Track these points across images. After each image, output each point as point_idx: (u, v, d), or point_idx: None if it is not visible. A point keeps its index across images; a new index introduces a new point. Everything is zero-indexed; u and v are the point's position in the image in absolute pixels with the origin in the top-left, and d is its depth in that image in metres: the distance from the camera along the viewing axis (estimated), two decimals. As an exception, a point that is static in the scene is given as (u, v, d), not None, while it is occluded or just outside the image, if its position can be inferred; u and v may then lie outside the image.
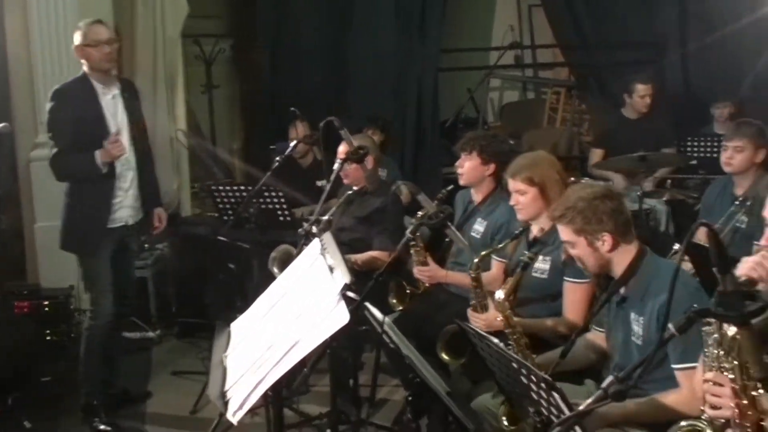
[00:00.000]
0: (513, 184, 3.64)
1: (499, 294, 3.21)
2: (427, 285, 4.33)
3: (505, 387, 2.57)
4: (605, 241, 2.85)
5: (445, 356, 3.68)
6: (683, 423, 2.04)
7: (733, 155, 4.57)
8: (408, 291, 4.35)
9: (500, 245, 3.72)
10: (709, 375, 1.84)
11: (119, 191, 4.45)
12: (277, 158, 4.38)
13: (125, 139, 4.41)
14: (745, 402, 1.71)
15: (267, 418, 3.48)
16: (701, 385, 1.93)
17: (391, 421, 4.35)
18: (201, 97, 7.86)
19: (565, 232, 2.93)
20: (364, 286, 2.79)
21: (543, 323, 3.43)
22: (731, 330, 1.84)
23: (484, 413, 3.12)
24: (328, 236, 2.54)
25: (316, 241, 2.69)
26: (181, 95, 6.77)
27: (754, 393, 1.71)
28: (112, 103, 4.41)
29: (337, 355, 3.92)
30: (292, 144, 4.73)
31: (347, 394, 4.24)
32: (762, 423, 1.72)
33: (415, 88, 7.46)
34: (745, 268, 2.19)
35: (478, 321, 3.52)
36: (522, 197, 3.61)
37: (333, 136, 4.09)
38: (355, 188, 4.57)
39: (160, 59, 6.38)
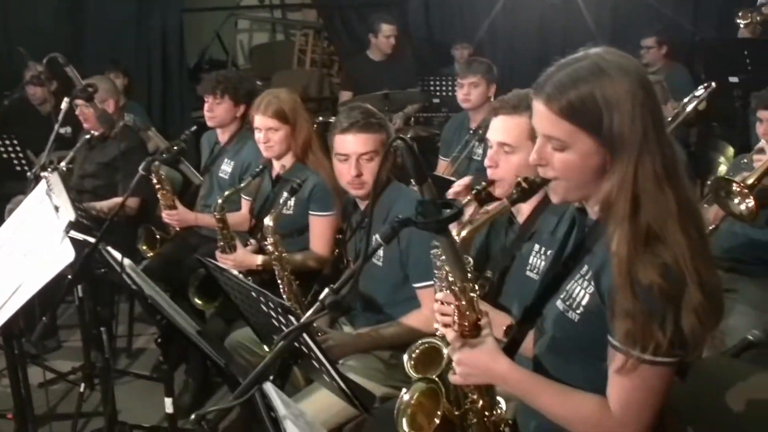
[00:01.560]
0: (263, 121, 3.59)
1: (268, 221, 3.20)
2: (177, 229, 4.27)
3: (250, 318, 2.61)
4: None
5: (197, 300, 3.66)
6: (419, 342, 2.17)
7: (470, 91, 4.85)
8: (158, 236, 4.27)
9: (242, 185, 3.70)
10: (440, 295, 1.95)
11: None
12: (5, 102, 4.09)
13: None
14: (464, 302, 1.82)
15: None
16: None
17: (150, 369, 4.28)
18: None
19: (374, 143, 2.91)
20: (109, 233, 2.70)
21: (293, 258, 3.49)
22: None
23: (238, 348, 3.17)
24: (54, 176, 2.43)
25: (42, 182, 2.56)
26: None
27: (472, 294, 1.83)
28: None
29: (86, 307, 3.79)
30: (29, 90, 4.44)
31: (101, 345, 4.11)
32: (479, 323, 1.85)
33: (159, 30, 7.22)
34: (452, 191, 2.39)
35: (227, 261, 3.49)
36: (274, 134, 3.59)
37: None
38: (95, 133, 4.38)
39: None
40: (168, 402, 2.72)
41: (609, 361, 1.69)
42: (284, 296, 3.19)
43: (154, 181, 3.97)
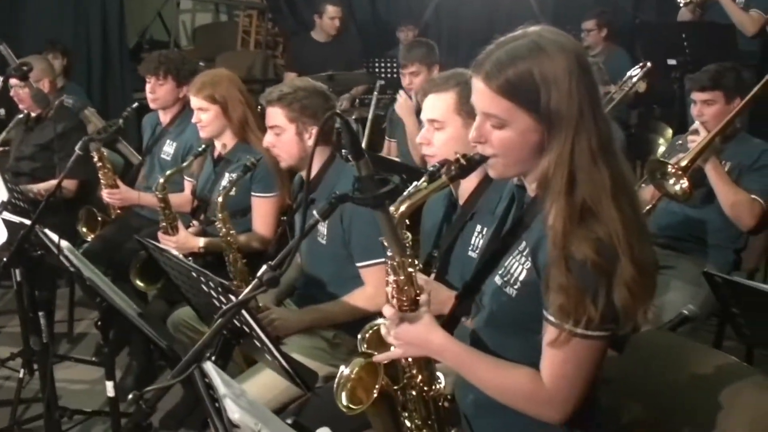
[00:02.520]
0: (195, 102, 3.59)
1: (218, 197, 3.20)
2: (119, 211, 4.21)
3: (192, 299, 2.60)
4: (312, 135, 2.94)
5: (139, 283, 3.62)
6: (371, 323, 2.16)
7: (411, 80, 4.83)
8: (99, 218, 4.21)
9: (184, 164, 3.67)
10: (392, 279, 1.91)
11: None
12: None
13: None
14: (402, 277, 1.82)
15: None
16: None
17: (92, 353, 4.22)
18: None
19: (276, 117, 2.94)
20: (48, 215, 2.66)
21: (236, 239, 3.46)
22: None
23: (181, 326, 3.16)
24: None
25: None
26: None
27: (411, 269, 1.83)
28: None
29: (24, 291, 3.72)
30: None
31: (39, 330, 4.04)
32: (418, 298, 1.87)
33: (98, 9, 7.07)
34: None
35: (169, 243, 3.45)
36: (204, 115, 3.58)
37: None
38: (31, 114, 4.29)
39: None
40: (109, 386, 2.70)
41: (543, 335, 1.72)
42: (231, 275, 3.20)
43: (96, 159, 3.91)
